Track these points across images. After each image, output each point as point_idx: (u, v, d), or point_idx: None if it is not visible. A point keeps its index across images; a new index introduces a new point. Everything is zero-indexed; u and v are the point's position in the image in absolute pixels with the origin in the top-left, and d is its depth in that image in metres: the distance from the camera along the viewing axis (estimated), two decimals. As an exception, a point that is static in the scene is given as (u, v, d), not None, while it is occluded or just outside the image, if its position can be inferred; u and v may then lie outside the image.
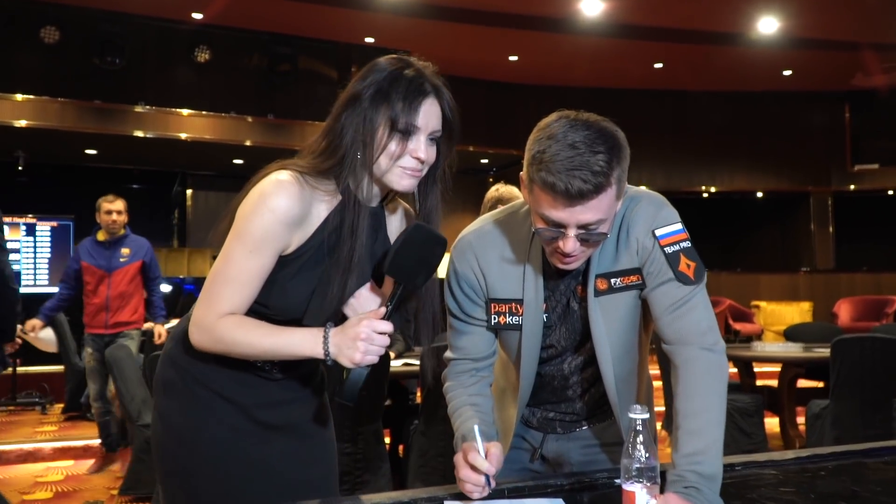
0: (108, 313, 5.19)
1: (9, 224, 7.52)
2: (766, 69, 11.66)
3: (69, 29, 9.12)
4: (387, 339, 1.40)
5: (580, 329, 1.58)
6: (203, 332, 1.46)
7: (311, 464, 1.65)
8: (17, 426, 6.58)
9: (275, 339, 1.43)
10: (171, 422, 1.58)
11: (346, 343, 1.39)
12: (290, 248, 1.46)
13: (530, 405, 1.70)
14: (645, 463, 1.17)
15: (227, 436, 1.55)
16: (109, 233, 5.22)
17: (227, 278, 1.44)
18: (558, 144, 1.31)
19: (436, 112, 1.46)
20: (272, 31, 10.11)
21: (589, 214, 1.33)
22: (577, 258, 1.42)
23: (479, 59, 11.01)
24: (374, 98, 1.43)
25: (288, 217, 1.42)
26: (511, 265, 1.56)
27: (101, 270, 5.20)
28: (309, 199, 1.45)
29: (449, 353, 1.66)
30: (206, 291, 1.46)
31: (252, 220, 1.42)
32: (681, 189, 12.88)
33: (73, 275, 5.27)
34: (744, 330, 11.13)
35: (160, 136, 9.63)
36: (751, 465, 1.60)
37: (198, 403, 1.56)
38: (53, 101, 9.15)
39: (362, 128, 1.43)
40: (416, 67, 1.47)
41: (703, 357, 1.42)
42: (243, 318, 1.46)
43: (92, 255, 5.23)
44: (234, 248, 1.44)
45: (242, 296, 1.45)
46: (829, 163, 13.18)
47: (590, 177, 1.29)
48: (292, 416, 1.62)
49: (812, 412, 4.39)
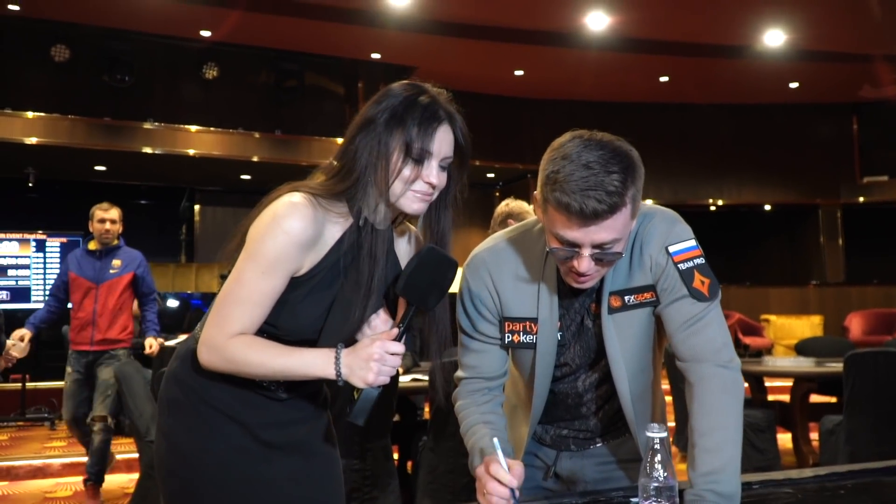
0: (94, 329, 4.84)
1: (18, 240, 7.55)
2: (772, 81, 11.65)
3: (79, 47, 9.20)
4: (399, 359, 1.40)
5: (594, 347, 1.57)
6: (213, 352, 1.46)
7: (318, 483, 1.64)
8: (27, 442, 6.58)
9: (286, 360, 1.43)
10: (176, 441, 1.57)
11: (358, 364, 1.39)
12: (303, 269, 1.47)
13: (543, 422, 1.68)
14: (663, 482, 1.15)
15: (232, 456, 1.54)
16: (101, 243, 4.90)
17: (238, 299, 1.44)
18: (572, 164, 1.30)
19: (449, 139, 1.47)
20: (279, 47, 10.16)
21: (604, 234, 1.32)
22: (592, 277, 1.41)
23: (485, 73, 11.03)
24: (389, 123, 1.44)
25: (301, 239, 1.42)
26: (525, 284, 1.55)
27: (89, 282, 4.86)
28: (322, 221, 1.46)
29: (460, 371, 1.64)
30: (217, 312, 1.46)
31: (265, 241, 1.42)
32: (687, 202, 12.84)
33: (61, 286, 4.94)
34: (754, 344, 11.06)
35: (168, 152, 9.68)
36: (768, 484, 1.58)
37: (203, 423, 1.55)
38: (63, 119, 9.22)
39: (376, 152, 1.44)
40: (431, 94, 1.47)
41: (718, 374, 1.41)
42: (254, 338, 1.46)
43: (81, 266, 4.89)
44: (247, 269, 1.44)
45: (253, 316, 1.45)
46: (838, 175, 13.14)
47: (604, 197, 1.28)
48: (297, 436, 1.61)
49: (825, 428, 4.34)
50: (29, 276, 7.55)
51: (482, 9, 9.06)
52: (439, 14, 9.15)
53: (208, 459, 1.54)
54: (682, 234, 1.49)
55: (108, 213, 4.91)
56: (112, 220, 4.90)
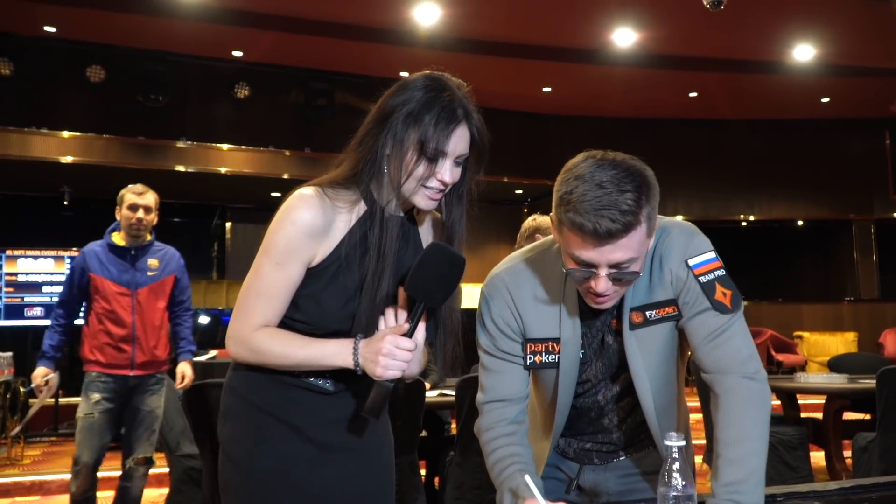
0: (135, 347, 3.82)
1: (53, 257, 7.70)
2: (803, 97, 11.54)
3: (114, 68, 9.40)
4: (409, 355, 1.42)
5: (616, 362, 1.56)
6: (239, 345, 1.51)
7: (368, 485, 1.63)
8: (59, 457, 6.68)
9: (308, 350, 1.48)
10: (228, 449, 1.60)
11: (370, 356, 1.42)
12: (317, 259, 1.50)
13: (566, 436, 1.68)
14: (682, 491, 1.16)
15: (280, 460, 1.55)
16: (132, 236, 3.87)
17: (257, 292, 1.50)
18: (586, 185, 1.30)
19: (465, 137, 1.49)
20: (309, 67, 10.30)
21: (619, 254, 1.32)
22: (611, 297, 1.41)
23: (513, 90, 11.07)
24: (406, 119, 1.46)
25: (310, 228, 1.47)
26: (546, 304, 1.54)
27: (121, 287, 3.83)
28: (332, 211, 1.49)
29: (481, 395, 1.60)
30: (239, 305, 1.52)
31: (277, 233, 1.48)
32: (718, 218, 12.74)
33: (76, 295, 3.89)
34: (787, 361, 10.90)
35: (201, 170, 9.83)
36: (793, 496, 1.57)
37: (251, 429, 1.58)
38: (98, 138, 9.41)
39: (391, 146, 1.47)
40: (451, 90, 1.49)
41: (744, 385, 1.40)
42: (278, 330, 1.51)
43: (107, 267, 3.83)
44: (262, 262, 1.49)
45: (273, 308, 1.50)
46: (871, 190, 12.95)
47: (618, 216, 1.28)
48: (348, 437, 1.60)
49: (858, 445, 4.28)
50: (64, 292, 7.69)
51: (510, 26, 9.11)
52: (467, 32, 9.22)
53: (255, 464, 1.56)
54: (701, 246, 1.49)
55: (142, 197, 3.90)
56: (147, 208, 3.89)
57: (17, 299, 7.53)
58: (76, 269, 3.89)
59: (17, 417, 6.56)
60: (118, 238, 3.91)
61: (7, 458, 6.32)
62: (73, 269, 3.91)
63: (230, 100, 10.20)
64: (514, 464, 1.49)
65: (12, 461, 6.31)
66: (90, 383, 3.81)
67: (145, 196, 3.91)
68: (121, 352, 3.82)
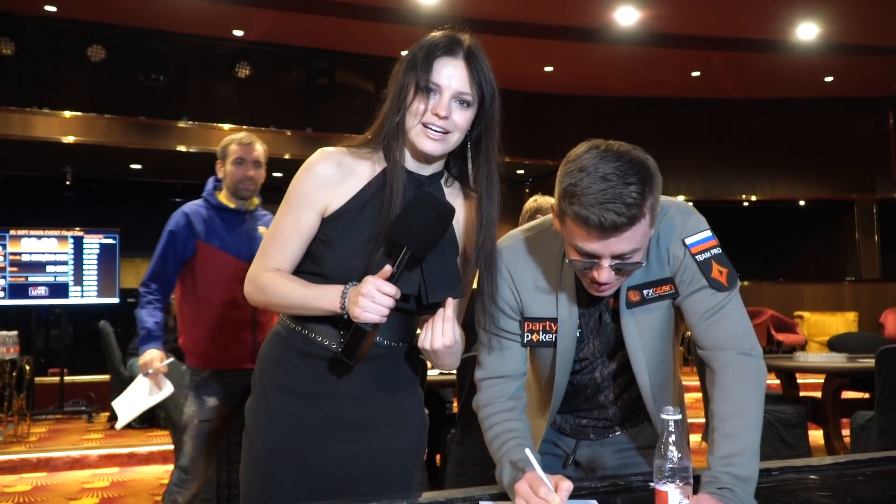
0: (255, 334, 3.05)
1: (57, 237, 7.72)
2: (806, 76, 11.49)
3: (115, 47, 9.37)
4: (390, 300, 1.42)
5: (612, 340, 1.59)
6: (251, 283, 1.59)
7: (379, 460, 1.61)
8: (65, 434, 6.75)
9: (304, 291, 1.53)
10: (246, 420, 1.66)
11: (354, 298, 1.44)
12: (331, 208, 1.54)
13: (562, 412, 1.70)
14: (677, 463, 1.18)
15: (287, 439, 1.57)
16: (240, 197, 3.13)
17: (272, 236, 1.58)
18: (590, 177, 1.30)
19: (461, 73, 1.51)
20: (310, 46, 10.26)
21: (623, 245, 1.33)
22: (612, 286, 1.42)
23: (515, 70, 11.02)
24: (409, 64, 1.53)
25: (324, 175, 1.54)
26: (544, 285, 1.56)
27: (236, 259, 3.04)
28: (350, 165, 1.56)
29: (479, 371, 1.61)
30: (259, 250, 1.61)
31: (295, 183, 1.56)
32: (720, 198, 12.72)
33: (173, 266, 3.05)
34: (787, 341, 10.94)
35: (202, 150, 9.82)
36: (788, 471, 1.60)
37: (263, 401, 1.62)
38: (100, 118, 9.40)
39: (398, 93, 1.53)
40: (453, 34, 1.55)
41: (740, 361, 1.42)
42: (285, 273, 1.57)
43: (214, 230, 3.06)
44: (281, 210, 1.58)
45: (282, 252, 1.56)
46: (874, 170, 12.91)
47: (623, 209, 1.28)
48: (362, 413, 1.59)
49: (857, 423, 4.31)
50: (67, 272, 7.72)
51: (511, 5, 9.06)
52: (468, 11, 9.17)
53: (265, 437, 1.59)
54: (698, 225, 1.50)
55: (251, 149, 3.13)
56: (256, 162, 3.15)
57: (21, 279, 7.56)
58: (177, 234, 3.04)
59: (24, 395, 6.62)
60: (225, 198, 3.14)
61: (14, 436, 6.39)
62: (173, 234, 3.05)
63: (231, 79, 10.17)
64: (514, 438, 1.50)
65: (19, 438, 6.38)
66: (202, 384, 3.01)
67: (254, 148, 3.14)
68: (237, 340, 3.03)
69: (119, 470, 5.65)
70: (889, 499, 1.42)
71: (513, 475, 1.41)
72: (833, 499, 1.40)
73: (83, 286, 7.75)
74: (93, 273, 7.80)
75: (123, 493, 4.94)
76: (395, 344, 1.63)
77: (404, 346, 1.66)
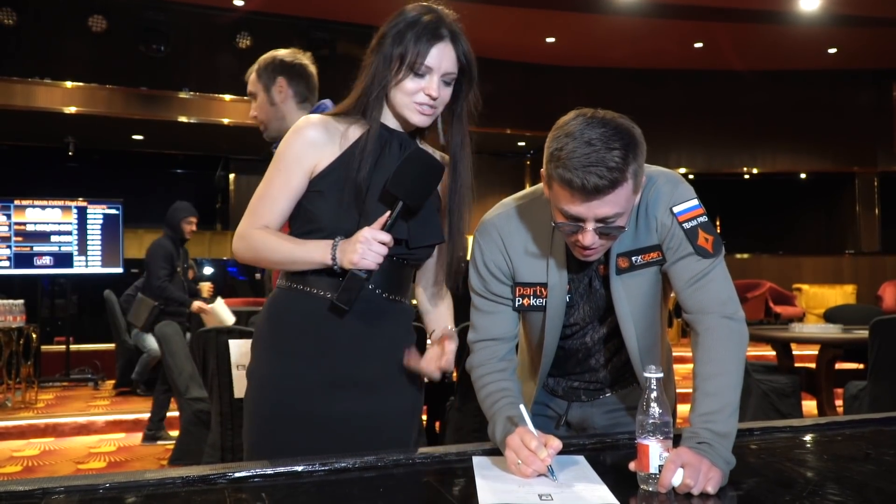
0: None
1: (61, 207, 7.77)
2: (809, 47, 11.43)
3: (116, 18, 9.34)
4: (384, 248, 1.54)
5: (603, 305, 1.64)
6: (240, 240, 1.67)
7: (381, 422, 1.67)
8: (72, 401, 6.86)
9: (293, 247, 1.60)
10: (249, 378, 1.71)
11: (348, 248, 1.54)
12: (319, 167, 1.63)
13: (555, 375, 1.77)
14: (658, 419, 1.25)
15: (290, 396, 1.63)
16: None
17: (260, 195, 1.66)
18: (575, 142, 1.36)
19: (449, 55, 1.62)
20: (311, 16, 10.22)
21: (606, 209, 1.38)
22: (597, 250, 1.48)
23: (516, 41, 10.99)
24: (394, 39, 1.61)
25: (313, 138, 1.63)
26: (536, 250, 1.62)
27: None
28: (336, 127, 1.65)
29: (472, 334, 1.68)
30: (248, 208, 1.68)
31: (284, 147, 1.65)
32: (722, 170, 12.73)
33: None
34: (785, 313, 10.99)
35: (203, 121, 9.84)
36: (769, 430, 1.66)
37: (264, 363, 1.68)
38: (101, 88, 9.41)
39: (381, 66, 1.62)
40: (436, 13, 1.63)
41: (723, 324, 1.48)
42: (274, 230, 1.65)
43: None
44: (270, 171, 1.67)
45: (273, 210, 1.64)
46: (875, 143, 12.89)
47: (605, 172, 1.33)
48: (367, 371, 1.65)
49: (850, 393, 4.38)
50: (71, 241, 7.78)
51: (513, -25, 9.03)
52: (470, -19, 9.13)
53: (269, 394, 1.65)
54: (686, 194, 1.55)
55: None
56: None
57: (26, 248, 7.63)
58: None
59: (31, 362, 6.72)
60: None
61: (21, 402, 6.49)
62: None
63: (232, 50, 10.15)
64: (506, 397, 1.57)
65: (26, 405, 6.48)
66: None
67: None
68: None
69: (125, 435, 5.76)
70: (864, 456, 1.48)
71: (505, 429, 1.47)
72: (810, 455, 1.47)
73: (87, 256, 7.81)
74: (97, 243, 7.86)
75: (130, 457, 5.05)
76: (392, 297, 1.69)
77: (401, 304, 1.73)
